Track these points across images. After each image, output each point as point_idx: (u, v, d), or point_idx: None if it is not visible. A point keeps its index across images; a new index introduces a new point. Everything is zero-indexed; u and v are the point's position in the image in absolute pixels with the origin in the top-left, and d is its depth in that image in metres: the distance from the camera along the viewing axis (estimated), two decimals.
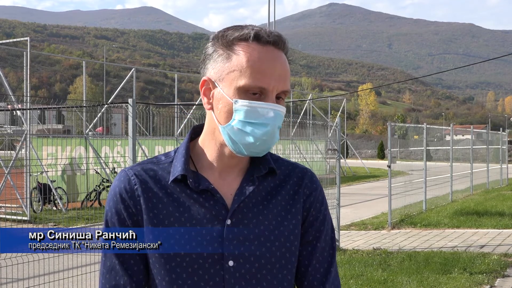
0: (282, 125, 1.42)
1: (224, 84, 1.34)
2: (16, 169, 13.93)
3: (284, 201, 1.42)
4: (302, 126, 20.20)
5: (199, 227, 1.34)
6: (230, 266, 1.33)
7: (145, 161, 1.45)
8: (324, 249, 1.46)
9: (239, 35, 1.34)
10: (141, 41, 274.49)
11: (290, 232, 1.39)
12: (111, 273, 1.38)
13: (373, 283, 6.74)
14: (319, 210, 1.47)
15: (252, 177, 1.41)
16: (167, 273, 1.34)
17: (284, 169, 1.47)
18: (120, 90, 20.02)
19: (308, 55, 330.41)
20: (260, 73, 1.31)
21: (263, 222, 1.37)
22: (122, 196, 1.38)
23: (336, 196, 9.36)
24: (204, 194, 1.37)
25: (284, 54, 1.37)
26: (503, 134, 26.21)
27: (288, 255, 1.38)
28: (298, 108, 49.46)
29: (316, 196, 1.47)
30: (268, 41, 1.34)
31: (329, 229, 1.48)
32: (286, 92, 1.37)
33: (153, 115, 18.27)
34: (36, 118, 22.07)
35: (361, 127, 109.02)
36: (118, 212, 1.38)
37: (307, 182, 1.47)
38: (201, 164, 1.42)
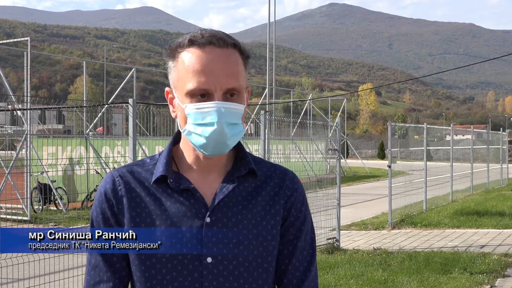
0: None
1: (178, 92, 1.43)
2: (17, 169, 13.93)
3: (264, 202, 1.46)
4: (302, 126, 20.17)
5: (179, 225, 1.39)
6: (208, 263, 1.38)
7: (131, 163, 1.51)
8: (304, 248, 1.50)
9: (178, 43, 1.42)
10: (142, 41, 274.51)
11: (268, 232, 1.43)
12: (96, 270, 1.44)
13: (373, 283, 6.74)
14: (299, 210, 1.50)
15: (233, 177, 1.45)
16: (146, 269, 1.39)
17: (266, 171, 1.51)
18: (120, 90, 20.03)
19: (308, 55, 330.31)
20: (199, 75, 1.36)
21: (242, 222, 1.41)
22: (106, 196, 1.44)
23: (336, 196, 9.36)
24: (184, 193, 1.42)
25: (228, 49, 1.39)
26: (503, 134, 26.20)
27: (265, 254, 1.42)
28: (298, 108, 49.47)
29: (296, 197, 1.51)
30: (202, 42, 1.38)
31: (309, 229, 1.53)
32: (235, 89, 1.39)
33: (153, 115, 18.27)
34: (37, 118, 22.05)
35: (361, 127, 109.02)
36: (102, 211, 1.44)
37: (288, 183, 1.51)
38: (183, 165, 1.47)
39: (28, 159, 12.54)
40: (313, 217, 6.20)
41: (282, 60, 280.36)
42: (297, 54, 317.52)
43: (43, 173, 13.38)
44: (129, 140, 5.81)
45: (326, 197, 9.52)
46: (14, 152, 15.41)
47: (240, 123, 1.40)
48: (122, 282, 1.45)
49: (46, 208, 13.86)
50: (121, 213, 1.43)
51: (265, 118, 8.05)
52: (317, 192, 9.54)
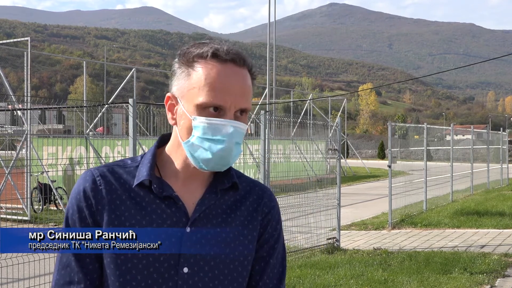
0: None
1: (185, 101, 1.39)
2: (17, 169, 13.93)
3: (243, 217, 1.45)
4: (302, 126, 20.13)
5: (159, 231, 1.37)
6: (184, 273, 1.36)
7: (111, 163, 1.47)
8: (275, 266, 1.50)
9: (198, 52, 1.38)
10: (142, 41, 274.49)
11: (245, 247, 1.43)
12: (66, 269, 1.40)
13: (373, 283, 6.74)
14: (275, 228, 1.51)
15: (216, 189, 1.44)
16: (121, 274, 1.36)
17: (245, 186, 1.50)
18: (120, 90, 20.03)
19: (308, 55, 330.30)
20: (217, 91, 1.35)
21: (221, 235, 1.40)
22: (86, 194, 1.40)
23: (336, 196, 9.36)
24: (167, 200, 1.40)
25: (245, 70, 1.40)
26: (504, 134, 26.19)
27: (240, 269, 1.42)
28: (298, 108, 49.46)
29: (273, 215, 1.51)
30: (226, 59, 1.37)
31: (281, 248, 1.53)
32: (246, 110, 1.39)
33: (153, 115, 18.26)
34: (37, 118, 22.05)
35: (361, 127, 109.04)
36: (80, 210, 1.40)
37: (266, 201, 1.51)
38: (166, 171, 1.45)
39: (28, 159, 12.54)
40: (313, 217, 6.23)
41: (282, 60, 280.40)
42: (297, 54, 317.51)
43: (43, 173, 13.38)
44: (129, 140, 5.81)
45: (326, 197, 9.52)
46: (14, 152, 15.41)
47: (241, 143, 1.41)
48: (93, 285, 1.40)
49: (46, 208, 13.85)
50: (100, 214, 1.39)
51: (265, 118, 8.05)
52: (317, 192, 9.54)
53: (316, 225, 9.09)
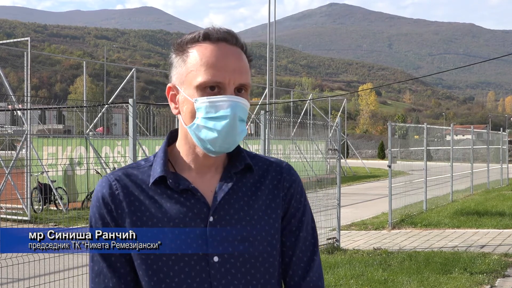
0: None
1: (185, 87, 1.40)
2: (17, 169, 13.93)
3: (264, 196, 1.46)
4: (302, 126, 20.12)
5: (182, 226, 1.38)
6: (215, 262, 1.37)
7: (126, 166, 1.49)
8: (306, 239, 1.50)
9: (190, 37, 1.41)
10: (142, 41, 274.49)
11: (271, 227, 1.43)
12: (100, 277, 1.41)
13: (373, 283, 6.74)
14: (299, 201, 1.51)
15: (230, 174, 1.45)
16: (154, 274, 1.37)
17: (262, 165, 1.50)
18: (120, 90, 20.03)
19: (308, 55, 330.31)
20: (214, 68, 1.36)
21: (245, 218, 1.41)
22: (104, 200, 1.41)
23: (336, 196, 9.36)
24: (184, 193, 1.41)
25: (239, 49, 1.41)
26: (504, 134, 26.20)
27: (269, 249, 1.42)
28: (298, 108, 49.47)
29: (295, 188, 1.51)
30: (218, 37, 1.39)
31: (310, 219, 1.53)
32: (246, 86, 1.40)
33: (153, 115, 18.26)
34: (37, 118, 22.05)
35: (361, 127, 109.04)
36: (101, 217, 1.41)
37: (286, 175, 1.51)
38: (179, 165, 1.45)
39: (28, 159, 12.53)
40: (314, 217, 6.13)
41: (282, 60, 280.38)
42: (297, 54, 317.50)
43: (43, 173, 13.38)
44: (129, 140, 5.81)
45: (326, 197, 9.52)
46: (14, 152, 15.40)
47: (245, 121, 1.41)
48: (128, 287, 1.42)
49: (46, 208, 13.85)
50: (121, 217, 1.40)
51: (265, 118, 8.06)
52: (317, 192, 9.54)
53: (316, 225, 9.08)
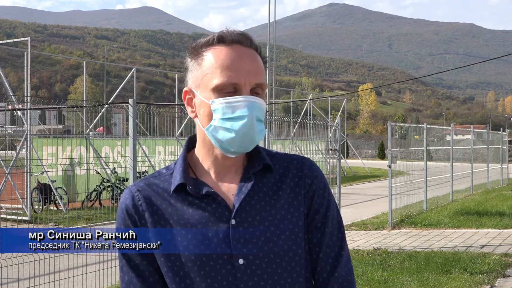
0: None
1: (201, 90, 1.41)
2: (17, 169, 13.93)
3: (286, 195, 1.45)
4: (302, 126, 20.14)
5: (205, 231, 1.38)
6: (240, 265, 1.37)
7: (148, 176, 1.51)
8: (333, 234, 1.48)
9: (205, 41, 1.43)
10: (142, 41, 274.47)
11: (294, 225, 1.42)
12: (130, 287, 1.43)
13: (373, 283, 6.74)
14: (322, 196, 1.49)
15: (249, 175, 1.44)
16: (181, 280, 1.38)
17: (282, 163, 1.50)
18: (120, 90, 20.03)
19: (308, 55, 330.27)
20: (229, 70, 1.37)
21: (267, 218, 1.40)
22: (128, 212, 1.43)
23: (336, 196, 9.36)
24: (205, 198, 1.41)
25: (253, 51, 1.42)
26: (504, 134, 26.20)
27: (294, 247, 1.41)
28: (298, 108, 49.45)
29: (317, 184, 1.49)
30: (232, 39, 1.40)
31: (335, 213, 1.51)
32: (262, 85, 1.41)
33: (153, 115, 18.28)
34: (37, 118, 22.06)
35: (361, 127, 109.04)
36: (126, 227, 1.44)
37: (307, 172, 1.49)
38: (199, 171, 1.46)
39: (28, 159, 12.54)
40: None
41: (282, 60, 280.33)
42: (297, 54, 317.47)
43: (43, 173, 13.38)
44: (129, 140, 5.81)
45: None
46: (14, 152, 15.41)
47: (263, 121, 1.42)
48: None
49: (46, 208, 13.86)
50: (145, 227, 1.42)
51: (265, 118, 8.06)
52: None
53: None
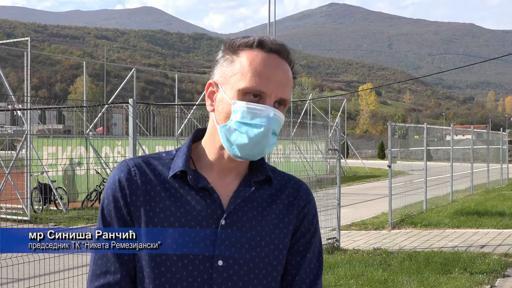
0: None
1: (226, 87, 1.40)
2: (17, 169, 13.93)
3: (278, 210, 1.45)
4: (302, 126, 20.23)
5: (194, 223, 1.37)
6: (219, 266, 1.36)
7: (147, 155, 1.49)
8: (312, 261, 1.49)
9: (245, 41, 1.41)
10: (142, 41, 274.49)
11: (280, 241, 1.43)
12: (103, 260, 1.40)
13: (373, 283, 6.74)
14: (311, 222, 1.50)
15: (250, 182, 1.45)
16: (156, 266, 1.37)
17: (280, 180, 1.51)
18: (120, 90, 20.03)
19: (308, 55, 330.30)
20: (260, 77, 1.36)
21: (256, 228, 1.40)
22: (121, 184, 1.40)
23: (336, 196, 9.36)
24: (201, 192, 1.40)
25: (287, 64, 1.42)
26: (504, 134, 26.22)
27: (275, 262, 1.41)
28: (298, 108, 49.45)
29: (309, 209, 1.51)
30: (271, 48, 1.40)
31: (318, 242, 1.52)
32: (285, 101, 1.41)
33: (153, 115, 18.27)
34: (37, 118, 22.07)
35: (361, 127, 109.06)
36: (115, 199, 1.40)
37: (303, 195, 1.51)
38: (201, 164, 1.45)
39: (28, 159, 12.53)
40: None
41: None
42: (297, 54, 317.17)
43: (43, 173, 13.38)
44: (129, 140, 5.81)
45: (326, 197, 9.52)
46: (14, 152, 15.41)
47: (277, 134, 1.41)
48: (129, 275, 1.40)
49: (46, 208, 13.85)
50: (134, 204, 1.39)
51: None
52: (317, 192, 9.54)
53: None
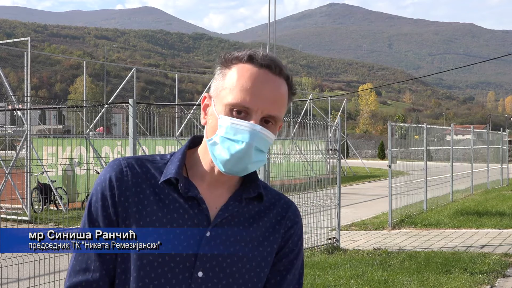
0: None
1: (216, 101, 1.39)
2: (17, 169, 13.93)
3: (264, 228, 1.44)
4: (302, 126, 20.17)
5: (179, 231, 1.36)
6: (198, 277, 1.35)
7: (141, 156, 1.47)
8: (291, 282, 1.48)
9: (236, 55, 1.39)
10: (142, 41, 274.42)
11: (263, 259, 1.42)
12: (84, 256, 1.39)
13: (373, 283, 6.74)
14: (296, 243, 1.50)
15: (240, 198, 1.43)
16: (135, 269, 1.35)
17: (271, 198, 1.49)
18: (120, 90, 20.03)
19: (308, 55, 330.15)
20: (247, 93, 1.34)
21: (240, 243, 1.39)
22: (111, 183, 1.39)
23: (336, 196, 9.36)
24: (190, 201, 1.39)
25: (281, 79, 1.39)
26: (504, 134, 26.22)
27: (255, 279, 1.40)
28: (298, 108, 49.45)
29: (296, 230, 1.50)
30: (261, 63, 1.37)
31: (300, 265, 1.51)
32: (275, 118, 1.38)
33: (153, 115, 18.27)
34: (37, 118, 22.06)
35: (361, 127, 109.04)
36: (103, 198, 1.39)
37: (291, 215, 1.50)
38: (194, 172, 1.44)
39: (28, 159, 12.54)
40: (313, 217, 6.20)
41: (282, 60, 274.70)
42: (297, 54, 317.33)
43: (43, 173, 13.38)
44: (129, 140, 5.81)
45: (326, 197, 9.52)
46: (14, 152, 15.41)
47: (266, 152, 1.39)
48: (108, 275, 1.38)
49: (46, 208, 13.86)
50: (122, 205, 1.38)
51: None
52: (317, 192, 9.55)
53: (316, 225, 9.09)
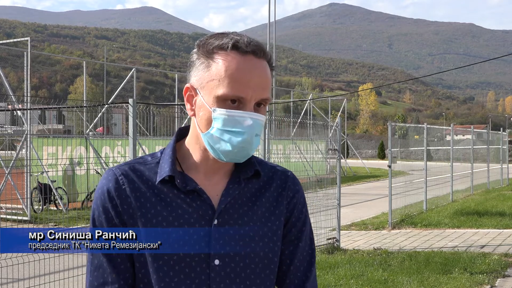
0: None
1: (204, 92, 1.38)
2: (17, 169, 13.93)
3: (268, 203, 1.46)
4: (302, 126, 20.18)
5: (187, 226, 1.38)
6: (216, 265, 1.37)
7: (131, 161, 1.47)
8: (304, 249, 1.51)
9: (218, 44, 1.37)
10: (142, 41, 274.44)
11: (273, 233, 1.44)
12: (99, 271, 1.40)
13: (373, 283, 6.74)
14: (301, 211, 1.52)
15: (238, 179, 1.45)
16: (154, 272, 1.37)
17: (267, 172, 1.51)
18: (120, 90, 20.03)
19: (308, 55, 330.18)
20: (238, 82, 1.34)
21: (248, 223, 1.41)
22: (110, 195, 1.40)
23: (336, 196, 9.35)
24: (191, 194, 1.40)
25: (264, 61, 1.39)
26: (504, 134, 26.21)
27: (271, 255, 1.43)
28: (298, 108, 49.47)
29: (298, 198, 1.52)
30: (246, 50, 1.36)
31: (309, 230, 1.54)
32: (266, 100, 1.40)
33: (153, 115, 18.26)
34: (37, 118, 22.07)
35: (361, 127, 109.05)
36: (105, 211, 1.40)
37: (290, 185, 1.52)
38: (187, 165, 1.45)
39: (28, 159, 12.53)
40: (313, 217, 6.21)
41: (282, 60, 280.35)
42: (297, 54, 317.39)
43: (43, 173, 13.38)
44: (129, 140, 5.81)
45: (326, 197, 9.52)
46: (14, 152, 15.41)
47: (260, 135, 1.42)
48: (127, 284, 1.40)
49: (46, 208, 13.85)
50: (126, 213, 1.39)
51: (265, 118, 8.05)
52: (317, 192, 9.54)
53: (316, 225, 9.08)
